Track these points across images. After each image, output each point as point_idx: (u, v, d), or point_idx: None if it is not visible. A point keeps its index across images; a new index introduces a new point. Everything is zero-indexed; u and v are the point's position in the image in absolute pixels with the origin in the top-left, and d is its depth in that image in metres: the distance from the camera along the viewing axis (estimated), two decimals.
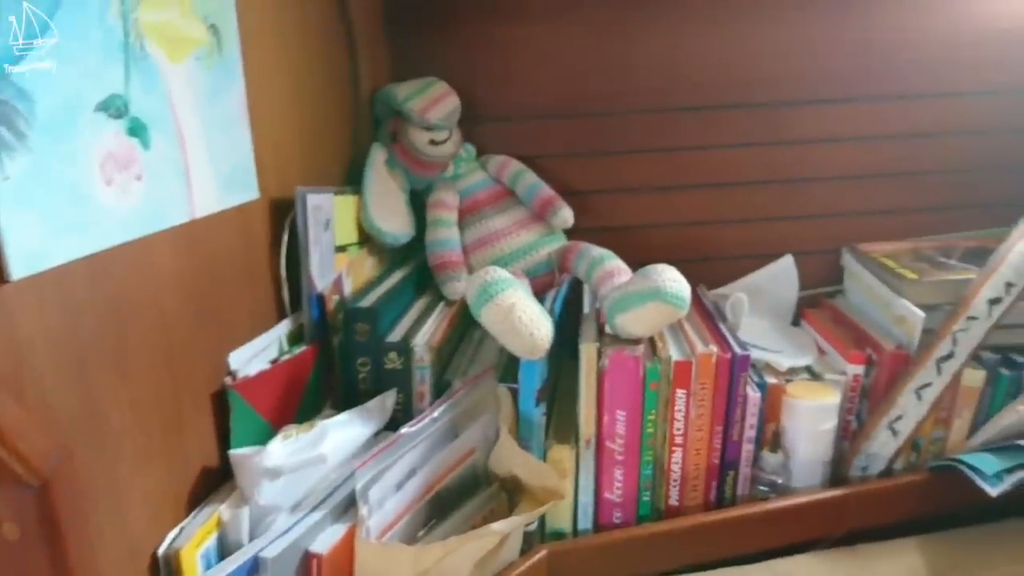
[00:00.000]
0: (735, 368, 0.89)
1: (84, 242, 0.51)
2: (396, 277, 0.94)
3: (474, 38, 1.08)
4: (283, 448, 0.67)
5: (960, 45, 1.08)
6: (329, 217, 0.84)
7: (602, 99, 1.11)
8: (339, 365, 0.82)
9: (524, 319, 0.78)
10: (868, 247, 1.12)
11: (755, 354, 0.99)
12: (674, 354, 0.89)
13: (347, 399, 0.82)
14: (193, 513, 0.64)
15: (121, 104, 0.55)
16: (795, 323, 1.16)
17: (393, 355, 0.82)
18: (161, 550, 0.59)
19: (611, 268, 0.91)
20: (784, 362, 0.99)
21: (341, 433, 0.72)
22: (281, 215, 0.79)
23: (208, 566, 0.62)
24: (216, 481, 0.68)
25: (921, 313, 0.94)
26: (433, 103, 0.99)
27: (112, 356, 0.55)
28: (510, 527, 0.71)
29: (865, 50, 1.08)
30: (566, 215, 1.00)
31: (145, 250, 0.58)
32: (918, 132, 1.12)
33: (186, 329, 0.64)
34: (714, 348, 0.89)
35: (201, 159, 0.65)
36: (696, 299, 1.06)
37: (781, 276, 1.16)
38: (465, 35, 1.08)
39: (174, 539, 0.61)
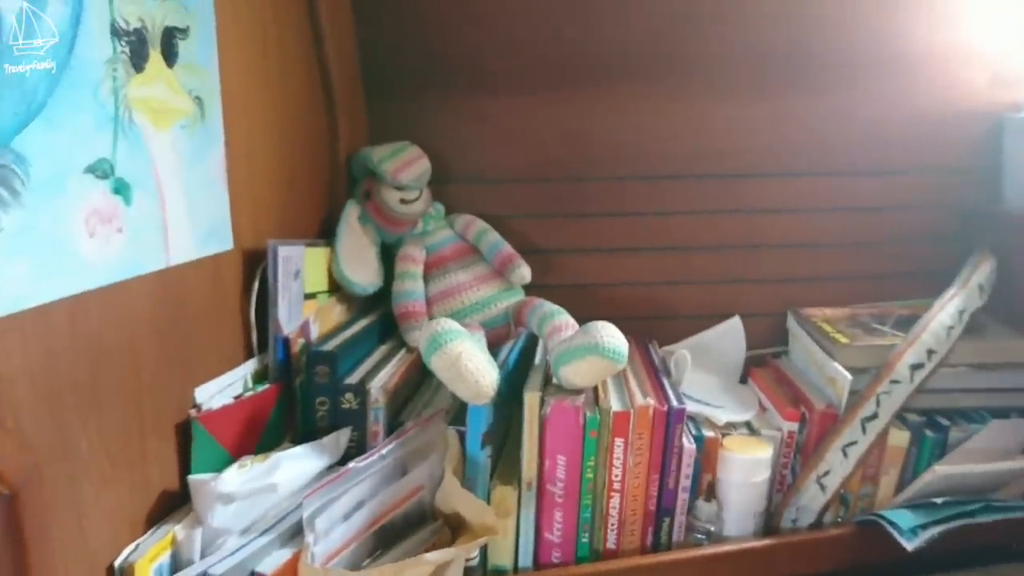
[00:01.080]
0: (671, 420, 0.96)
1: (65, 285, 0.59)
2: (361, 324, 1.02)
3: (447, 106, 1.17)
4: (237, 476, 0.74)
5: (899, 125, 1.17)
6: (299, 267, 0.92)
7: (565, 166, 1.20)
8: (300, 403, 0.90)
9: (470, 367, 0.85)
10: (810, 311, 1.19)
11: (695, 408, 1.06)
12: (614, 404, 0.95)
13: (306, 435, 0.89)
14: (151, 531, 0.70)
15: (108, 167, 0.63)
16: (743, 381, 1.23)
17: (350, 396, 0.89)
18: (117, 562, 0.66)
19: (559, 323, 0.99)
20: (722, 417, 1.06)
21: (293, 465, 0.79)
22: (254, 264, 0.87)
23: None
24: (175, 504, 0.74)
25: (848, 375, 1.01)
26: (405, 165, 1.08)
27: (85, 389, 0.62)
28: (442, 557, 0.77)
29: (811, 129, 1.18)
30: (523, 272, 1.08)
31: (122, 294, 0.66)
32: (860, 206, 1.20)
33: (156, 365, 0.71)
34: (651, 401, 0.95)
35: (179, 214, 0.73)
36: (645, 355, 1.13)
37: (729, 336, 1.23)
38: (438, 103, 1.17)
39: (130, 553, 0.67)
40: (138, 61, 0.66)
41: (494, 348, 1.07)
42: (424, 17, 1.14)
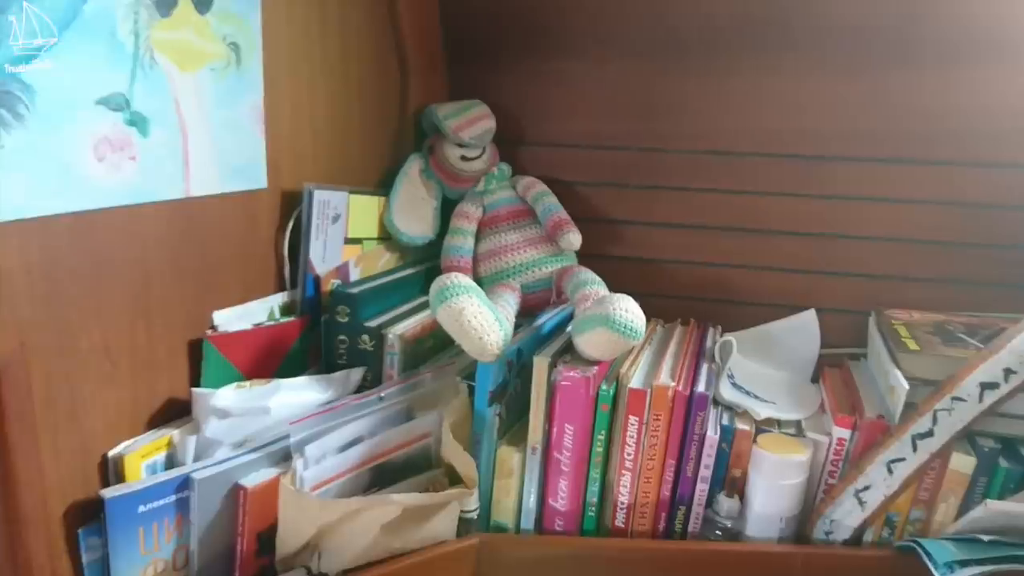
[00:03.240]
0: (692, 406, 0.92)
1: (67, 203, 0.67)
2: (404, 273, 1.06)
3: (527, 68, 1.17)
4: (234, 394, 0.81)
5: (1012, 116, 1.02)
6: (340, 212, 0.97)
7: (642, 136, 1.16)
8: (323, 339, 0.95)
9: (474, 323, 0.86)
10: (895, 313, 1.08)
11: (737, 398, 1.00)
12: (636, 381, 0.93)
13: (328, 370, 0.95)
14: (151, 432, 0.79)
15: (122, 100, 0.71)
16: (815, 380, 1.14)
17: (366, 338, 0.93)
18: (111, 453, 0.74)
19: (589, 292, 0.97)
20: (763, 412, 0.99)
21: (292, 394, 0.85)
22: (293, 205, 0.93)
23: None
24: (182, 413, 0.82)
25: (905, 385, 0.91)
26: (468, 123, 1.10)
27: (89, 296, 0.70)
28: (409, 500, 0.80)
29: (910, 113, 1.05)
30: (571, 238, 1.06)
31: (133, 216, 0.73)
32: (965, 200, 1.07)
33: (169, 284, 0.79)
34: (671, 382, 0.92)
35: (203, 150, 0.80)
36: (701, 338, 1.09)
37: (801, 330, 1.14)
38: (518, 66, 1.17)
39: (126, 447, 0.76)
40: (164, 7, 0.73)
41: (535, 312, 1.07)
42: None
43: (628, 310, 0.88)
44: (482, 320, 0.87)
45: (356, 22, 1.02)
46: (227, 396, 0.80)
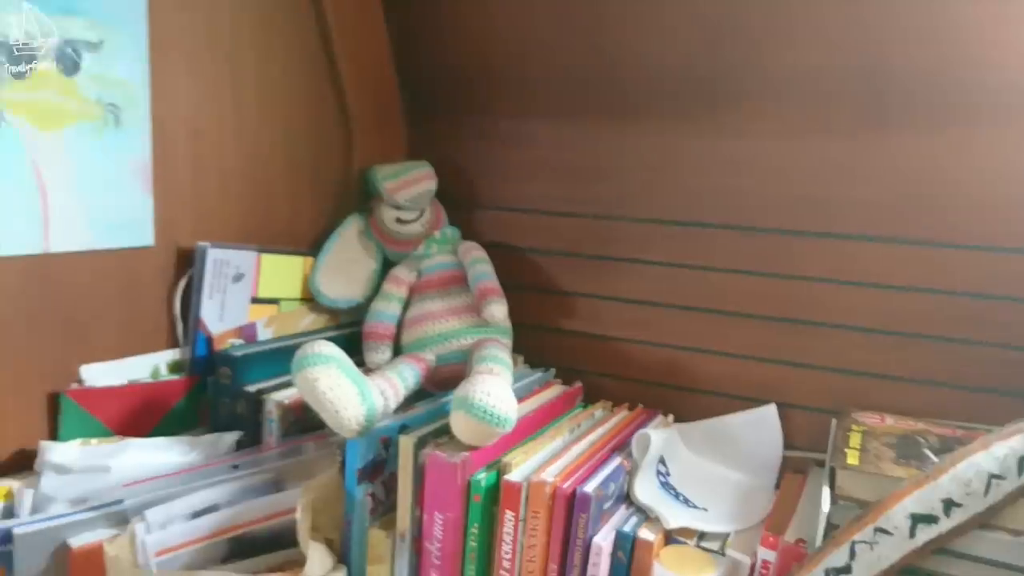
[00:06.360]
0: (574, 506, 0.82)
1: None
2: (324, 336, 1.03)
3: (481, 128, 1.13)
4: (74, 450, 0.80)
5: (1015, 184, 0.85)
6: (244, 271, 0.96)
7: (593, 202, 1.08)
8: (209, 399, 0.94)
9: (329, 396, 0.81)
10: (863, 416, 0.91)
11: (653, 500, 0.88)
12: (519, 473, 0.84)
13: (214, 431, 0.93)
14: None
15: None
16: (778, 486, 0.99)
17: (242, 403, 0.90)
18: None
19: (482, 368, 0.89)
20: (677, 519, 0.86)
21: (142, 454, 0.83)
22: (191, 262, 0.93)
23: None
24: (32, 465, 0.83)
25: (825, 506, 0.76)
26: (405, 185, 1.06)
27: None
28: None
29: (891, 181, 0.90)
30: (494, 309, 0.99)
31: None
32: (962, 289, 0.89)
33: (25, 337, 0.80)
34: (549, 478, 0.82)
35: (67, 207, 0.81)
36: (637, 426, 0.99)
37: (759, 426, 0.99)
38: (472, 125, 1.13)
39: None
40: (18, 70, 0.75)
41: (451, 386, 1.01)
42: (458, 37, 1.11)
43: (490, 394, 0.80)
44: (339, 393, 0.82)
45: (282, 77, 1.02)
46: (67, 452, 0.80)
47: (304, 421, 0.93)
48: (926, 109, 0.87)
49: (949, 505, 0.71)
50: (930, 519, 0.72)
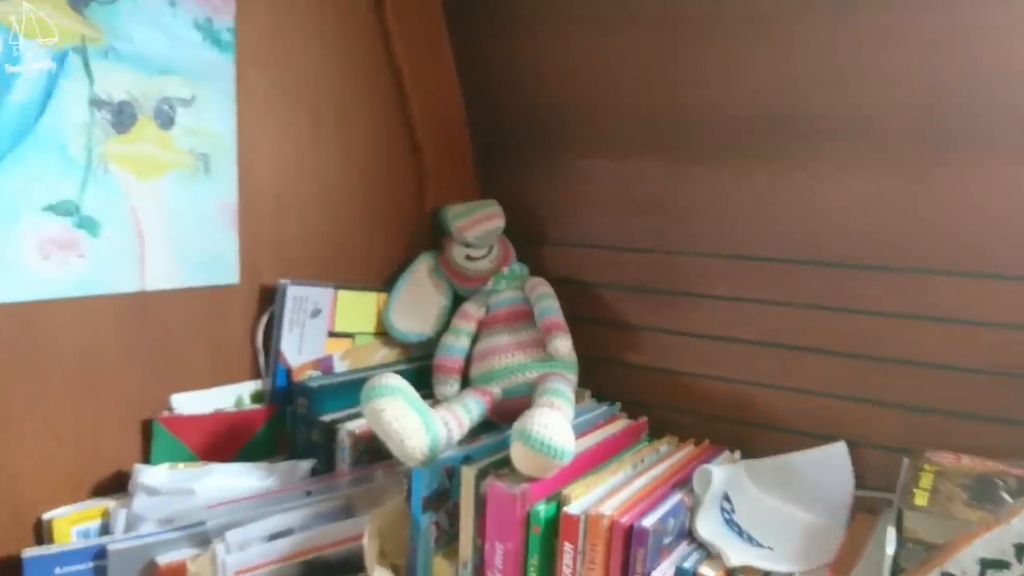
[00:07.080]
0: (632, 541, 0.82)
1: (8, 294, 0.78)
2: (397, 369, 1.07)
3: (548, 169, 1.16)
4: (163, 474, 0.87)
5: None
6: (320, 307, 1.02)
7: (661, 238, 1.09)
8: (289, 428, 0.99)
9: (395, 426, 0.85)
10: (937, 456, 0.88)
11: (716, 538, 0.88)
12: (574, 506, 0.86)
13: (293, 457, 0.98)
14: (91, 501, 0.87)
15: (71, 206, 0.81)
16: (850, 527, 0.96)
17: (318, 432, 0.95)
18: (45, 516, 0.83)
19: (543, 402, 0.92)
20: (739, 557, 0.86)
21: (224, 478, 0.89)
22: (273, 299, 1.00)
23: None
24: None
25: (890, 549, 0.75)
26: (475, 223, 1.10)
27: (30, 378, 0.80)
28: None
29: (967, 214, 0.88)
30: (559, 344, 1.01)
31: (83, 307, 0.83)
32: None
33: (122, 369, 0.88)
34: (607, 511, 0.83)
35: (162, 248, 0.89)
36: (702, 461, 0.98)
37: (828, 465, 0.97)
38: (540, 166, 1.17)
39: (59, 513, 0.84)
40: (121, 126, 0.84)
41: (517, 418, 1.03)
42: (527, 80, 1.15)
43: (548, 426, 0.82)
44: (404, 423, 0.85)
45: (358, 125, 1.08)
46: (157, 475, 0.86)
47: (374, 450, 0.97)
48: (996, 141, 0.85)
49: (1022, 550, 0.69)
50: (1001, 564, 0.69)
